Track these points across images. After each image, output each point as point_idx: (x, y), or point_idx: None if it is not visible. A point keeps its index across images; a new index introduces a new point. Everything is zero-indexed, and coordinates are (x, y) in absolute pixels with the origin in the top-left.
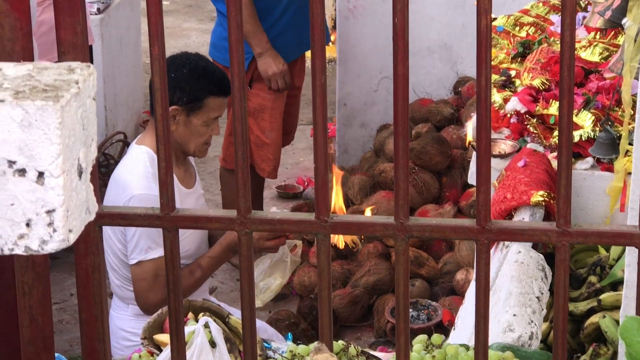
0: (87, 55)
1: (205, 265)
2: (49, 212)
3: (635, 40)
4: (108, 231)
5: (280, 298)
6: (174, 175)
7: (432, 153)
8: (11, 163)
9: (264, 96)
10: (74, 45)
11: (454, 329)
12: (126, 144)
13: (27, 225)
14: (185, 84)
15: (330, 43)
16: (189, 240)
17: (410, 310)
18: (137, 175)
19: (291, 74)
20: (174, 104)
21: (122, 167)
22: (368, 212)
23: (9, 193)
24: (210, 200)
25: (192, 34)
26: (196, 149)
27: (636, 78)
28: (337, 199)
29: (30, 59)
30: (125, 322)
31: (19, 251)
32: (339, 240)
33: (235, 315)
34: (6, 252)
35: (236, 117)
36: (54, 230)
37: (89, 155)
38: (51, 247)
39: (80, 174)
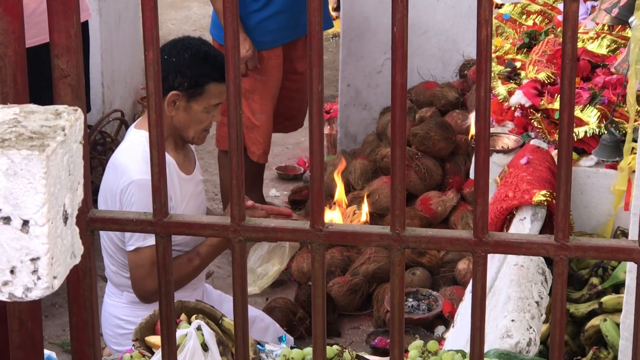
0: (80, 60)
1: (204, 253)
2: (33, 260)
3: None
4: None
5: (278, 284)
6: (174, 161)
7: (435, 139)
8: None
9: (255, 77)
10: (67, 48)
11: (453, 326)
12: (123, 122)
13: (12, 272)
14: (187, 69)
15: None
16: None
17: (411, 299)
18: (135, 160)
19: (291, 57)
20: (175, 89)
21: (120, 151)
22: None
23: None
24: (209, 181)
25: (193, 5)
26: (195, 135)
27: None
28: (340, 190)
29: (23, 63)
30: (119, 309)
31: (3, 297)
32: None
33: (231, 304)
34: None
35: (231, 122)
36: (38, 278)
37: (74, 199)
38: (35, 294)
39: (65, 219)
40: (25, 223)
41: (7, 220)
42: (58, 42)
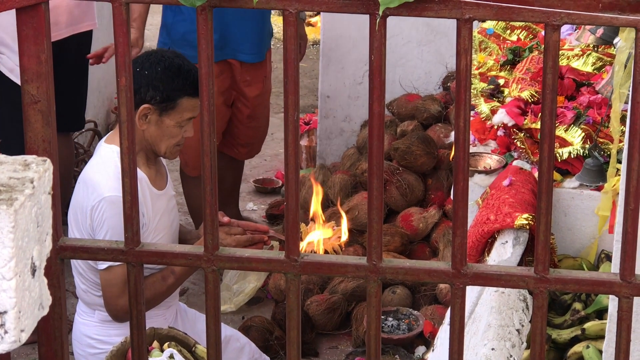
0: (51, 85)
1: (179, 271)
2: (0, 314)
3: (625, 66)
4: (75, 233)
5: (255, 301)
6: (145, 177)
7: (417, 153)
8: None
9: None
10: (37, 73)
11: (433, 350)
12: (96, 133)
13: None
14: (159, 82)
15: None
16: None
17: (391, 319)
18: (106, 176)
19: (237, 80)
20: (147, 102)
21: (90, 167)
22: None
23: None
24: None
25: None
26: (167, 150)
27: (626, 102)
28: (316, 206)
29: None
30: (91, 328)
31: None
32: (319, 247)
33: (205, 325)
34: None
35: (205, 151)
36: (5, 332)
37: (43, 251)
38: (2, 348)
39: (33, 272)
40: None
41: None
42: (28, 67)
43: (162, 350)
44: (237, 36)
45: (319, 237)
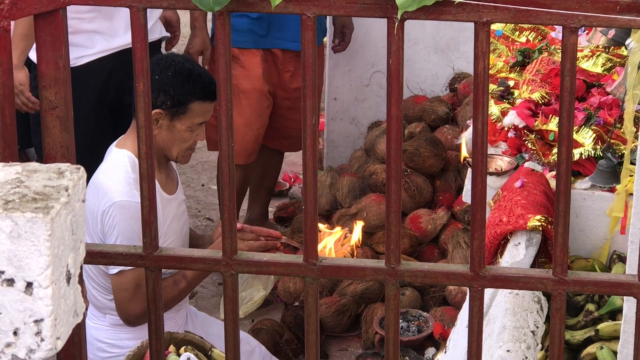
0: (69, 91)
1: (191, 276)
2: (37, 321)
3: (638, 68)
4: (85, 238)
5: (264, 305)
6: (156, 181)
7: (425, 155)
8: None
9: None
10: (55, 79)
11: (445, 352)
12: None
13: (15, 334)
14: (170, 87)
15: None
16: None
17: (400, 321)
18: (117, 181)
19: (279, 70)
20: (158, 107)
21: (101, 171)
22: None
23: None
24: (192, 197)
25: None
26: (179, 154)
27: (639, 104)
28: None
29: (11, 95)
30: (102, 332)
31: (6, 359)
32: (330, 253)
33: (216, 327)
34: None
35: (222, 156)
36: (42, 340)
37: (77, 258)
38: (39, 356)
39: (68, 279)
40: (29, 285)
41: (10, 282)
42: (46, 73)
43: (178, 355)
44: (279, 24)
45: (331, 244)
